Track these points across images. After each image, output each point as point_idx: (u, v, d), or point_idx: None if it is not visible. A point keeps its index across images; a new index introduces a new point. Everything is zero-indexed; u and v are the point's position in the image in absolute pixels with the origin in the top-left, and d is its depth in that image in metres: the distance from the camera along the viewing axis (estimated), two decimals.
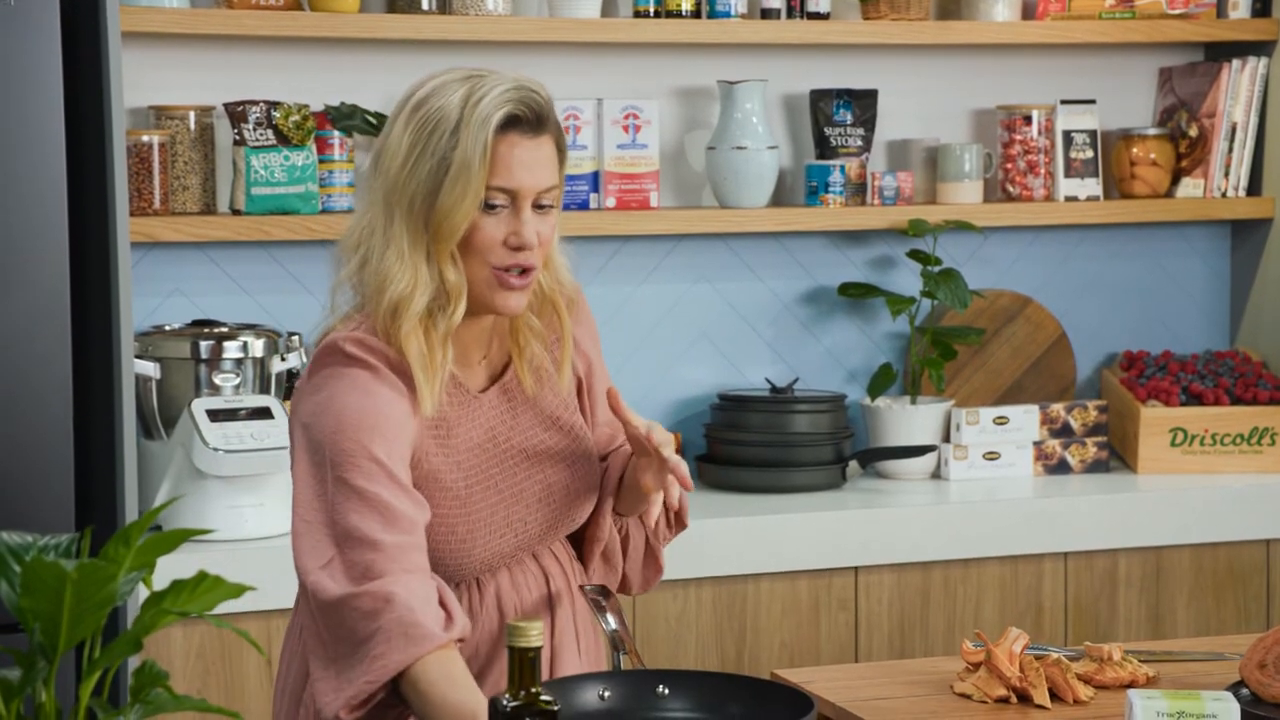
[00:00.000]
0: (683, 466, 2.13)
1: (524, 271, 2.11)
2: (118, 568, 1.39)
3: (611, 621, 2.19)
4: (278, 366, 3.33)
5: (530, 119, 2.08)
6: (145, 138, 3.37)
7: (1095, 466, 3.79)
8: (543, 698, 1.73)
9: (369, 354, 2.10)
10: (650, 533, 2.30)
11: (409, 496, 2.07)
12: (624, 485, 2.24)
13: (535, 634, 1.73)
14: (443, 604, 2.04)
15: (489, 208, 2.08)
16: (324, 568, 2.05)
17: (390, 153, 2.09)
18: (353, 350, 2.09)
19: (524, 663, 1.73)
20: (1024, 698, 2.18)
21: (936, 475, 3.73)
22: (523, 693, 1.73)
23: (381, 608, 1.99)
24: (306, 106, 3.44)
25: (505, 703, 1.72)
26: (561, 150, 2.14)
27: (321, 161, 3.48)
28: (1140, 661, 2.29)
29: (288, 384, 3.44)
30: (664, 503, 2.18)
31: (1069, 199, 3.91)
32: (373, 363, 2.09)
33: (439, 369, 2.11)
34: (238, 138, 3.40)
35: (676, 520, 2.31)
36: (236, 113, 3.41)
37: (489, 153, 2.05)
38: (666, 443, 2.13)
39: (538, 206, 2.11)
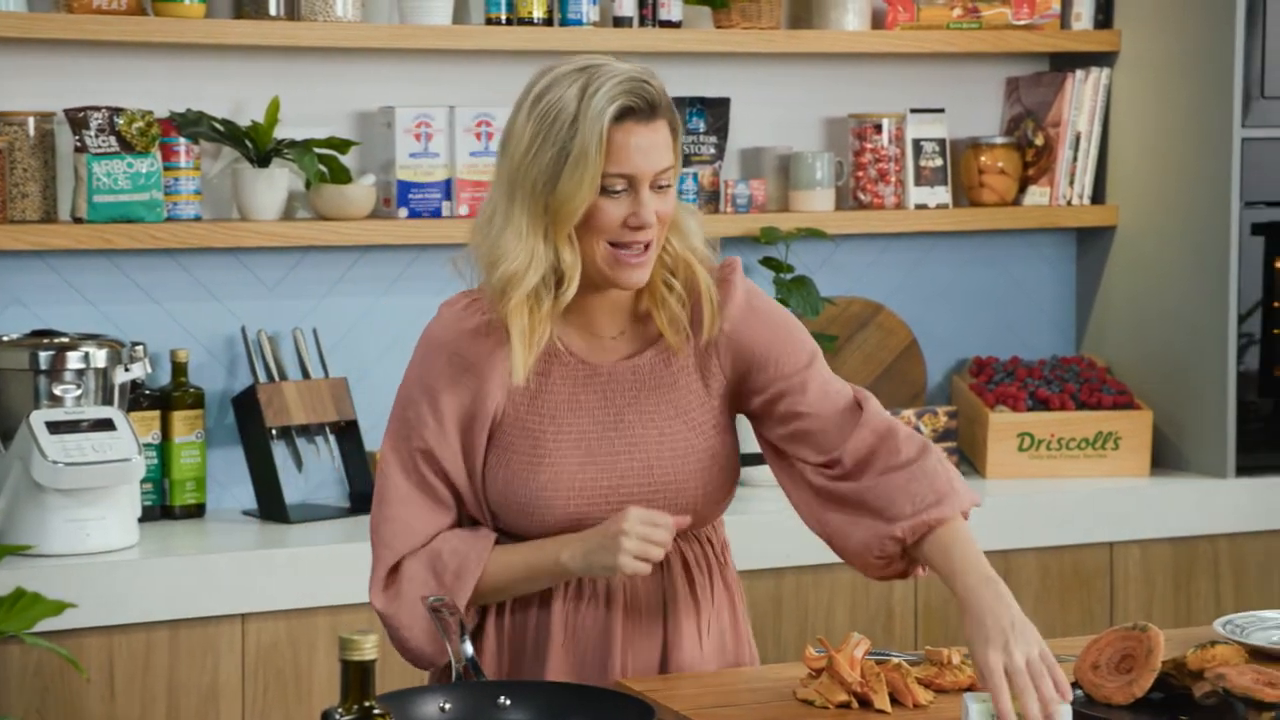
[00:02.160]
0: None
1: (645, 248, 2.22)
2: None
3: (453, 634, 2.17)
4: (121, 377, 3.27)
5: (643, 108, 2.19)
6: None
7: None
8: (376, 711, 1.71)
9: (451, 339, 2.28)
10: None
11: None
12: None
13: (369, 646, 1.71)
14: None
15: (608, 192, 2.19)
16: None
17: (514, 140, 2.23)
18: (436, 332, 2.30)
19: (358, 675, 1.71)
20: (865, 703, 2.19)
21: None
22: (356, 706, 1.71)
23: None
24: (151, 113, 3.39)
25: (337, 717, 1.71)
26: (675, 131, 2.24)
27: (167, 169, 3.44)
28: None
29: (132, 394, 3.39)
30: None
31: (919, 207, 3.95)
32: (450, 350, 2.27)
33: (536, 344, 2.23)
34: (79, 144, 3.34)
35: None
36: (78, 119, 3.35)
37: (604, 142, 2.17)
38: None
39: (656, 187, 2.22)
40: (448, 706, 2.07)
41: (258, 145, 3.48)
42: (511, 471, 2.27)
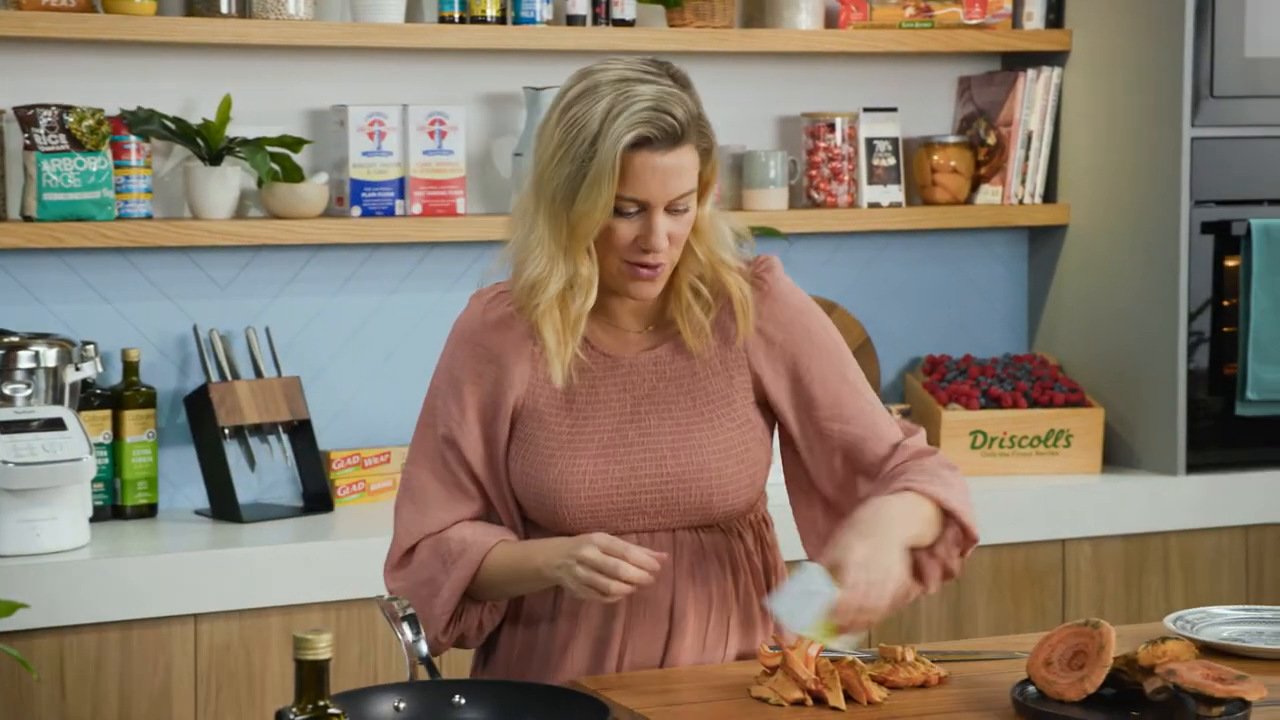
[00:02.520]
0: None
1: (654, 266, 2.25)
2: None
3: (408, 633, 2.17)
4: (72, 376, 3.25)
5: (660, 138, 2.20)
6: None
7: None
8: (330, 710, 1.71)
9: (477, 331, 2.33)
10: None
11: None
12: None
13: (324, 646, 1.71)
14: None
15: (621, 214, 2.23)
16: None
17: (544, 141, 2.26)
18: (463, 323, 2.35)
19: (312, 674, 1.71)
20: (820, 700, 2.20)
21: None
22: (310, 705, 1.70)
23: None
24: (101, 111, 3.37)
25: (292, 716, 1.70)
26: (706, 151, 2.26)
27: (117, 167, 3.42)
28: (933, 661, 2.32)
29: (83, 394, 3.37)
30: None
31: (872, 206, 3.96)
32: (475, 340, 2.32)
33: (570, 343, 2.28)
34: (28, 142, 3.32)
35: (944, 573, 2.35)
36: (27, 117, 3.33)
37: (617, 170, 2.19)
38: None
39: (672, 210, 2.24)
40: (402, 705, 2.07)
41: (209, 143, 3.47)
42: (529, 462, 2.32)
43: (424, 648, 2.17)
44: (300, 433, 3.56)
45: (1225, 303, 3.86)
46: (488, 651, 2.42)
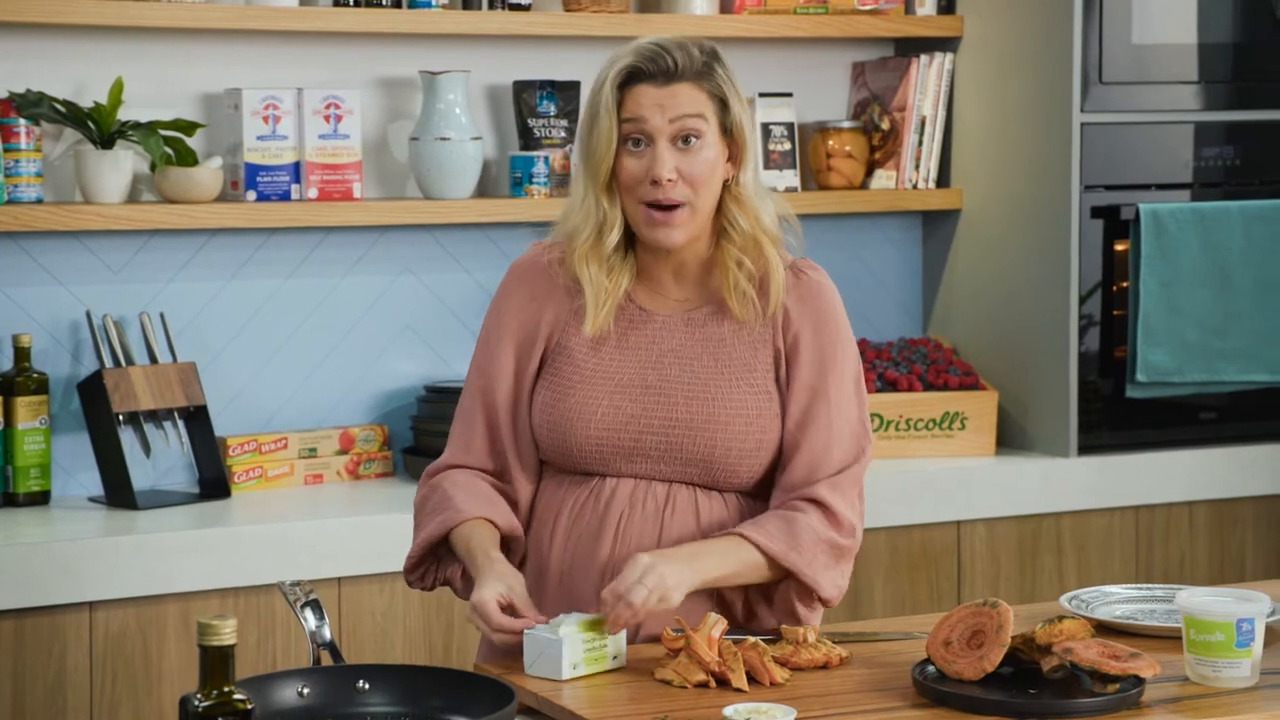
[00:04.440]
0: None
1: (670, 207, 2.35)
2: None
3: (310, 619, 2.16)
4: None
5: (653, 72, 2.35)
6: None
7: None
8: (236, 696, 1.70)
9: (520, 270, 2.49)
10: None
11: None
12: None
13: (228, 632, 1.70)
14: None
15: (628, 143, 2.36)
16: None
17: (582, 114, 2.46)
18: (516, 264, 2.50)
19: (217, 660, 1.69)
20: (723, 682, 2.21)
21: None
22: (215, 692, 1.69)
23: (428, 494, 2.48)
24: None
25: (197, 702, 1.69)
26: (719, 101, 2.37)
27: (6, 150, 3.37)
28: (834, 642, 2.34)
29: None
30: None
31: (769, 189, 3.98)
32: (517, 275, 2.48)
33: (607, 293, 2.41)
34: None
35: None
36: None
37: (613, 100, 2.35)
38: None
39: (681, 141, 2.35)
40: (306, 691, 2.06)
41: (101, 127, 3.42)
42: (550, 391, 2.43)
43: (327, 633, 2.16)
44: (196, 419, 3.53)
45: (1115, 287, 3.91)
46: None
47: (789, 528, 2.37)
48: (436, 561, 2.47)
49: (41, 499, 3.42)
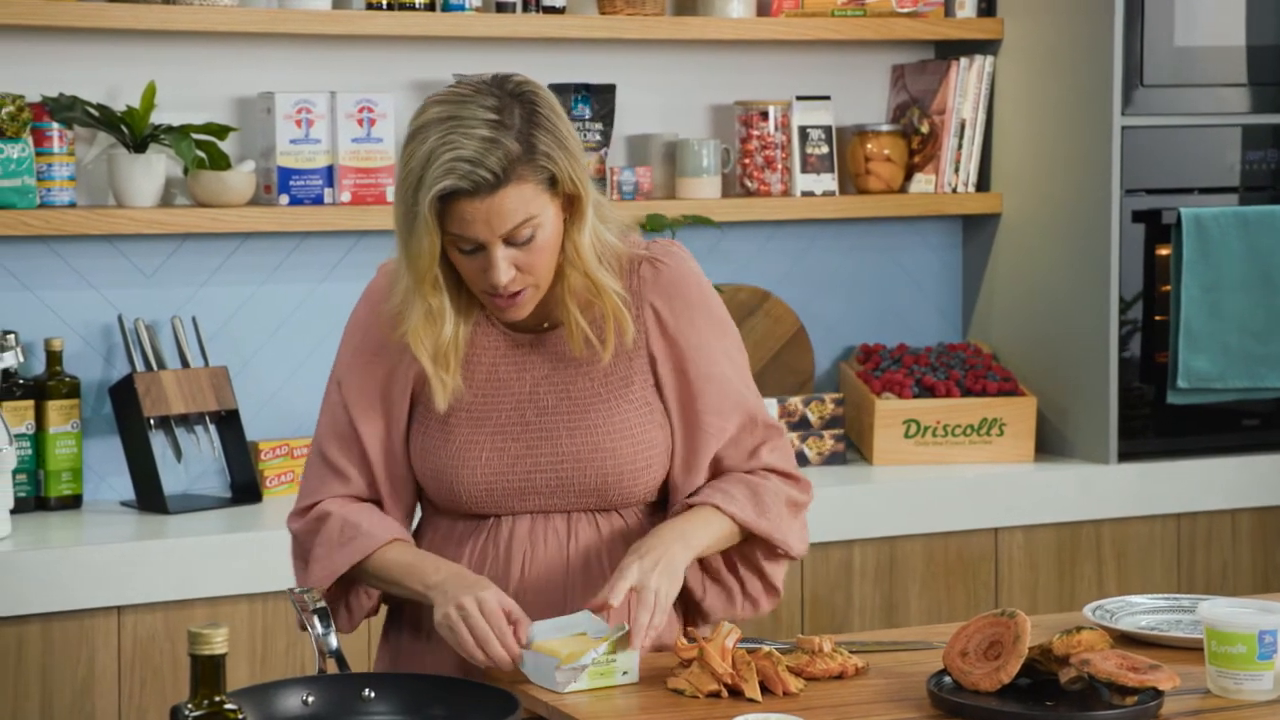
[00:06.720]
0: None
1: (513, 294, 2.23)
2: None
3: (318, 626, 2.15)
4: None
5: (472, 190, 2.15)
6: None
7: (832, 459, 3.84)
8: (227, 706, 1.68)
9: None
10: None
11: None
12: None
13: (219, 640, 1.68)
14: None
15: (460, 251, 2.20)
16: None
17: (397, 165, 2.25)
18: (360, 310, 2.36)
19: (207, 670, 1.68)
20: (736, 692, 2.19)
21: None
22: (206, 701, 1.68)
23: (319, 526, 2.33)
24: (21, 97, 3.34)
25: (188, 712, 1.68)
26: (549, 180, 2.19)
27: (40, 155, 3.38)
28: (851, 652, 2.31)
29: (5, 384, 3.34)
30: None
31: (805, 194, 3.95)
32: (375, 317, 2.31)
33: (447, 374, 2.27)
34: None
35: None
36: None
37: (434, 220, 2.16)
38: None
39: (513, 243, 2.19)
40: (311, 699, 2.05)
41: (134, 131, 3.43)
42: (428, 438, 2.32)
43: (334, 641, 2.15)
44: (228, 423, 3.53)
45: (1156, 291, 3.86)
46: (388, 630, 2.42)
47: (754, 494, 2.35)
48: (344, 595, 2.34)
49: (73, 503, 3.43)
